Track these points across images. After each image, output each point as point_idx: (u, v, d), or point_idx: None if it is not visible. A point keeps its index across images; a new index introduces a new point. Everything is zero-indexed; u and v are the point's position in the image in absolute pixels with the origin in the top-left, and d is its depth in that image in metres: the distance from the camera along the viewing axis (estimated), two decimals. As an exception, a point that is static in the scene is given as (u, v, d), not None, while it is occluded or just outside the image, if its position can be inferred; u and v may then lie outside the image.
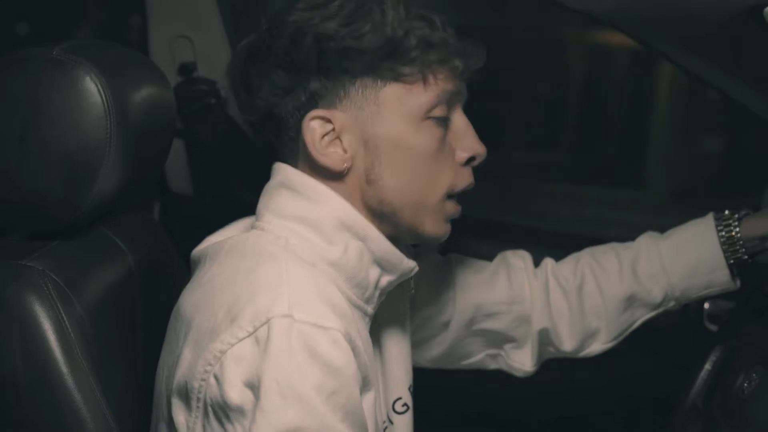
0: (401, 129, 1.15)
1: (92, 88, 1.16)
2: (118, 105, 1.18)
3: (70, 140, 1.17)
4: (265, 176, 1.22)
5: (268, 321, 1.03)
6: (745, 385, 1.29)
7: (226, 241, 1.18)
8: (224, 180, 2.03)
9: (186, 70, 2.00)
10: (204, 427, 1.07)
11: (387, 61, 1.13)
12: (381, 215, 1.18)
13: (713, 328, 1.52)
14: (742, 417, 1.28)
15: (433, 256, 1.47)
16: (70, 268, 1.18)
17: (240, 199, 2.00)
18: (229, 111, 2.02)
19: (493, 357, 1.50)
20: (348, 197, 1.17)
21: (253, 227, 1.19)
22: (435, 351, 1.47)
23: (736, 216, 1.40)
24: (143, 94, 1.27)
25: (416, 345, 1.44)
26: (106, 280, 1.25)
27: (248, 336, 1.04)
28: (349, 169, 1.16)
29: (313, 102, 1.15)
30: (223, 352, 1.04)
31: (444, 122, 1.18)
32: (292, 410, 1.00)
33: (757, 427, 1.25)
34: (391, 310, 1.33)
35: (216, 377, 1.04)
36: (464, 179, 1.21)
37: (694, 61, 1.43)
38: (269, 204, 1.18)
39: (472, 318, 1.45)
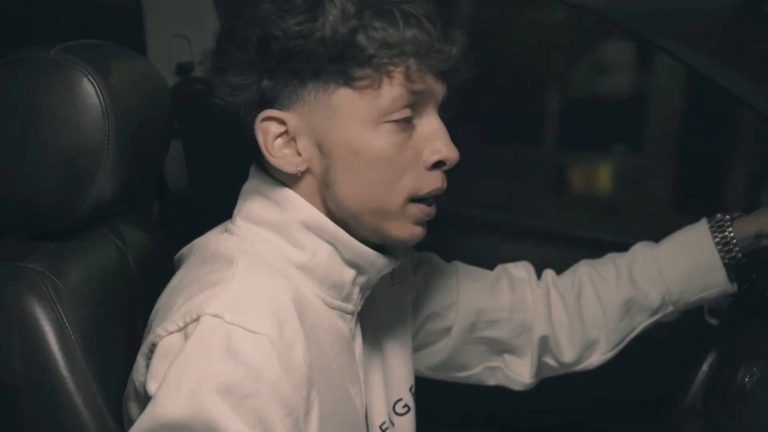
0: (355, 134, 1.09)
1: (90, 89, 1.16)
2: (116, 105, 1.18)
3: (68, 141, 1.16)
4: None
5: (198, 318, 1.02)
6: (747, 379, 1.29)
7: (193, 245, 1.18)
8: (223, 180, 2.02)
9: (183, 69, 2.00)
10: None
11: (335, 65, 1.07)
12: (342, 219, 1.14)
13: (714, 322, 1.52)
14: (745, 411, 1.28)
15: (437, 261, 1.46)
16: (69, 269, 1.18)
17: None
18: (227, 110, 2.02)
19: (492, 370, 1.49)
20: (311, 198, 1.13)
21: (225, 230, 1.18)
22: (436, 358, 1.46)
23: (728, 218, 1.41)
24: (141, 94, 1.26)
25: (417, 351, 1.43)
26: (106, 281, 1.25)
27: (178, 330, 1.03)
28: (306, 172, 1.12)
29: (265, 102, 1.10)
30: (155, 345, 1.04)
31: (407, 125, 1.11)
32: (182, 408, 0.97)
33: (762, 418, 1.25)
34: (393, 311, 1.33)
35: (148, 368, 1.05)
36: (430, 183, 1.13)
37: (692, 53, 1.43)
38: (242, 207, 1.17)
39: (473, 324, 1.45)
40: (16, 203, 1.19)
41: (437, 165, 1.13)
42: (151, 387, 1.02)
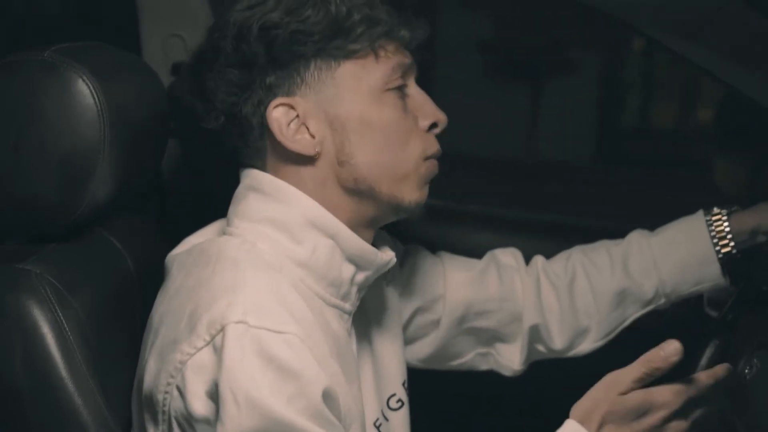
0: (363, 105, 1.15)
1: (85, 90, 1.16)
2: (111, 107, 1.18)
3: (64, 143, 1.16)
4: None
5: (223, 328, 1.03)
6: (747, 370, 1.29)
7: (194, 248, 1.18)
8: (221, 179, 2.02)
9: (179, 69, 1.99)
10: None
11: (335, 40, 1.13)
12: (359, 194, 1.17)
13: (713, 314, 1.52)
14: (746, 401, 1.28)
15: (423, 253, 1.46)
16: (68, 271, 1.18)
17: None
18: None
19: (483, 356, 1.49)
20: (323, 183, 1.16)
21: (223, 233, 1.18)
22: (426, 350, 1.46)
23: (725, 212, 1.41)
24: (136, 95, 1.26)
25: (407, 344, 1.43)
26: (104, 282, 1.25)
27: (206, 345, 1.03)
28: (319, 154, 1.16)
29: (271, 94, 1.15)
30: (183, 363, 1.04)
31: (402, 93, 1.19)
32: (248, 417, 0.99)
33: (763, 409, 1.25)
34: (381, 307, 1.33)
35: (179, 389, 1.05)
36: (432, 145, 1.21)
37: (690, 47, 1.43)
38: (237, 208, 1.18)
39: (462, 316, 1.45)
40: (13, 205, 1.20)
41: (431, 127, 1.21)
42: (196, 407, 1.03)
